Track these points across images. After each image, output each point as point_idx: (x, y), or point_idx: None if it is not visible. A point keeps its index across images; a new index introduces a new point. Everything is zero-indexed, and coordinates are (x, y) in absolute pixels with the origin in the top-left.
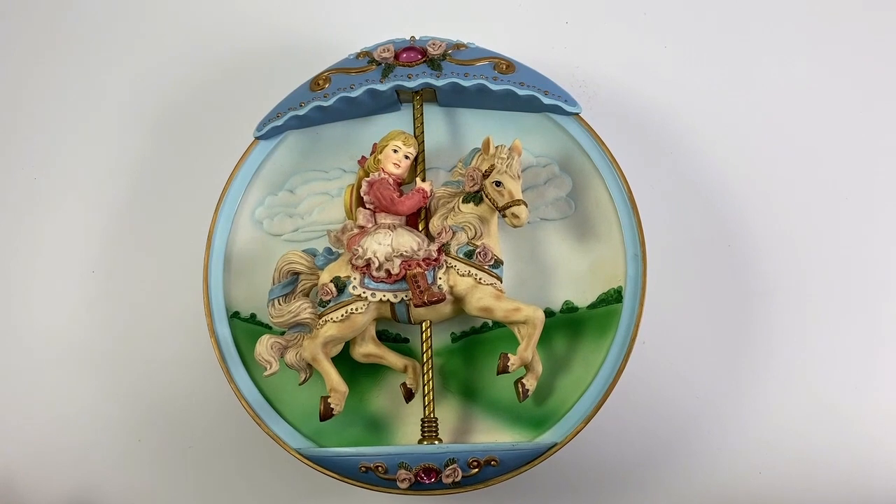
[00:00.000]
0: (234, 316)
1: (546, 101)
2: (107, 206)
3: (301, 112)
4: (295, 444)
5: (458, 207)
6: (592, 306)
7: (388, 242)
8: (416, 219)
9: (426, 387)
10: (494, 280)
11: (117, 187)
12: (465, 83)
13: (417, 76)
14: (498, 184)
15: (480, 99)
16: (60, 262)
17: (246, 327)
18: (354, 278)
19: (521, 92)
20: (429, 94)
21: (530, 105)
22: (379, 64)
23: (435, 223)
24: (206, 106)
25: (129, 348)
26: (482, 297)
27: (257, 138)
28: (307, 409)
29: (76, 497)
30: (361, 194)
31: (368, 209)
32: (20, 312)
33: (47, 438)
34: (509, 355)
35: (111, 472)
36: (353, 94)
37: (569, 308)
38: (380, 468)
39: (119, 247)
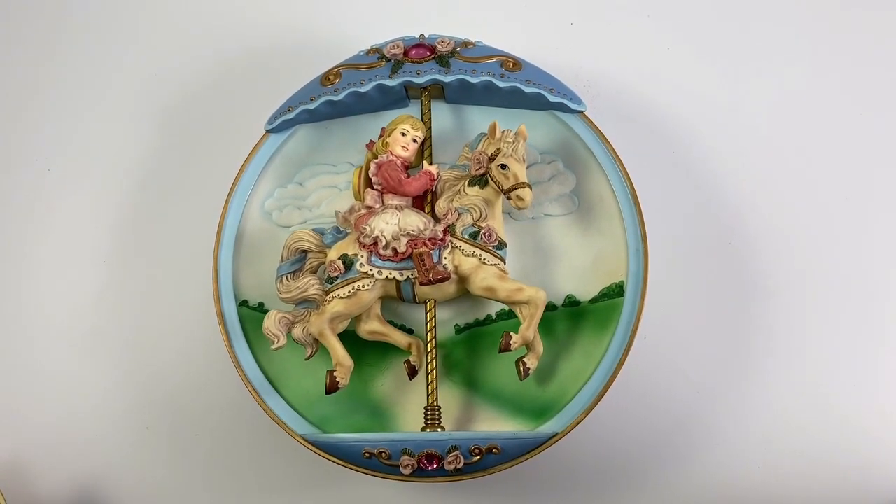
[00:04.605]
0: (242, 304)
1: (552, 98)
2: (119, 198)
3: (312, 106)
4: (300, 430)
5: (464, 190)
6: (594, 300)
7: (395, 222)
8: (423, 201)
9: (430, 375)
10: (498, 261)
11: (129, 179)
12: (473, 80)
13: (426, 72)
14: (503, 167)
15: (487, 96)
16: (72, 252)
17: (254, 316)
18: (362, 256)
19: (527, 89)
20: (437, 91)
21: (536, 103)
22: (388, 60)
23: (441, 205)
24: (219, 99)
25: (139, 337)
26: (486, 277)
27: (268, 131)
28: (312, 396)
29: (84, 484)
30: (370, 175)
31: (376, 190)
32: (32, 301)
33: (56, 426)
34: (511, 334)
35: (119, 459)
36: (363, 89)
37: (571, 302)
38: (383, 454)
39: (130, 237)
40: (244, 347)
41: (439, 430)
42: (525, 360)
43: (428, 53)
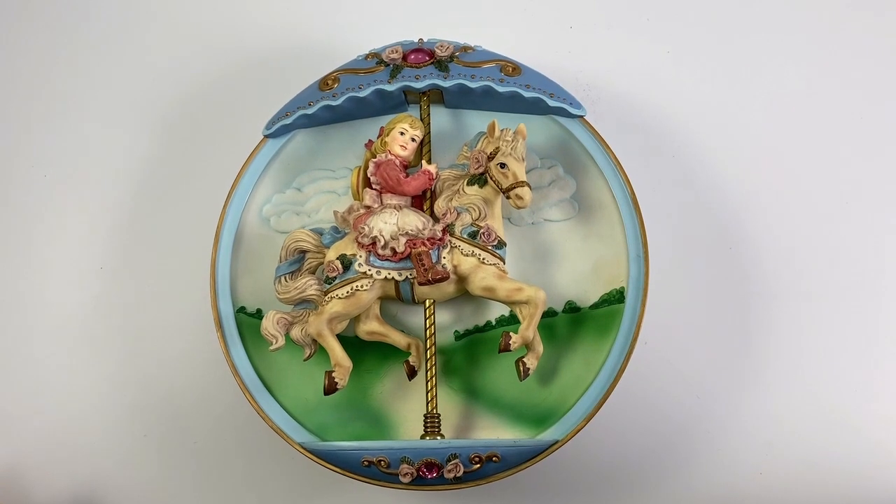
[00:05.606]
0: (240, 311)
1: (551, 103)
2: (116, 203)
3: (310, 111)
4: (298, 437)
5: (463, 189)
6: (595, 306)
7: (393, 221)
8: (422, 201)
9: (429, 383)
10: (497, 261)
11: (127, 184)
12: (472, 84)
13: (425, 77)
14: (502, 166)
15: (487, 101)
16: (70, 258)
17: (251, 322)
18: (360, 256)
19: (526, 94)
20: (436, 96)
21: (536, 107)
22: (387, 65)
23: (440, 204)
24: (217, 104)
25: (137, 344)
26: (485, 276)
27: (266, 136)
28: (310, 403)
29: (81, 491)
30: (368, 175)
31: (375, 190)
32: (30, 307)
33: (53, 433)
34: (511, 334)
35: (117, 466)
36: (362, 94)
37: (571, 308)
38: (382, 462)
39: (128, 243)
40: (242, 354)
41: (439, 437)
42: (525, 360)
43: (427, 58)
